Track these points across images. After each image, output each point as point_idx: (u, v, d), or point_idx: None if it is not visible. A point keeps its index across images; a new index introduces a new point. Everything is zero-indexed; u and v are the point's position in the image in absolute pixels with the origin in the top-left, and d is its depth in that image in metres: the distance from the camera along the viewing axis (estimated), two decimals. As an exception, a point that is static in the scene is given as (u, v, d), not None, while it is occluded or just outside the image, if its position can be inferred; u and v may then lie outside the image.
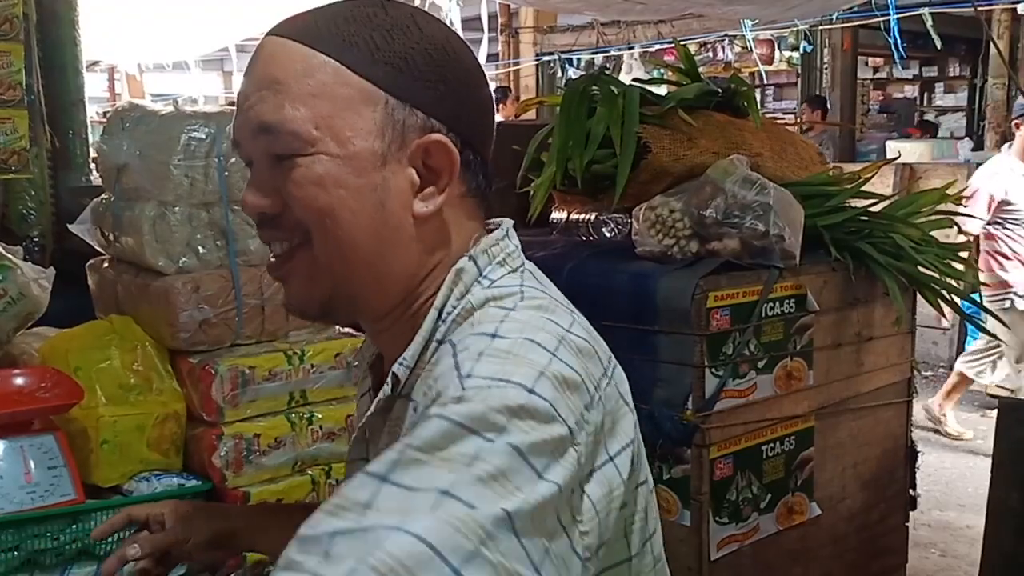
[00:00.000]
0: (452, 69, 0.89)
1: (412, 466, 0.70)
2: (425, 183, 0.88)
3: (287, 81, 0.85)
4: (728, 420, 1.99)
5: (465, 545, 0.66)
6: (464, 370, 0.77)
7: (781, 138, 2.41)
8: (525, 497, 0.70)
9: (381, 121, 0.86)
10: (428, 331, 0.89)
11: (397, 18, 0.88)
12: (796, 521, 2.17)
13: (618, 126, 2.09)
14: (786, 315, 2.08)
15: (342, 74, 0.85)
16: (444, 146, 0.87)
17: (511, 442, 0.71)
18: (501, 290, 0.89)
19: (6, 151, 2.18)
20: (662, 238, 2.03)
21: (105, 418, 1.64)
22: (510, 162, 2.53)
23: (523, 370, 0.76)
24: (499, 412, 0.72)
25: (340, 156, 0.85)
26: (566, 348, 0.81)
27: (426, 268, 0.91)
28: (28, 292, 1.91)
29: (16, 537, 1.51)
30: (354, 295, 0.91)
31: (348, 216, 0.86)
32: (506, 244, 0.94)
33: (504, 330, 0.81)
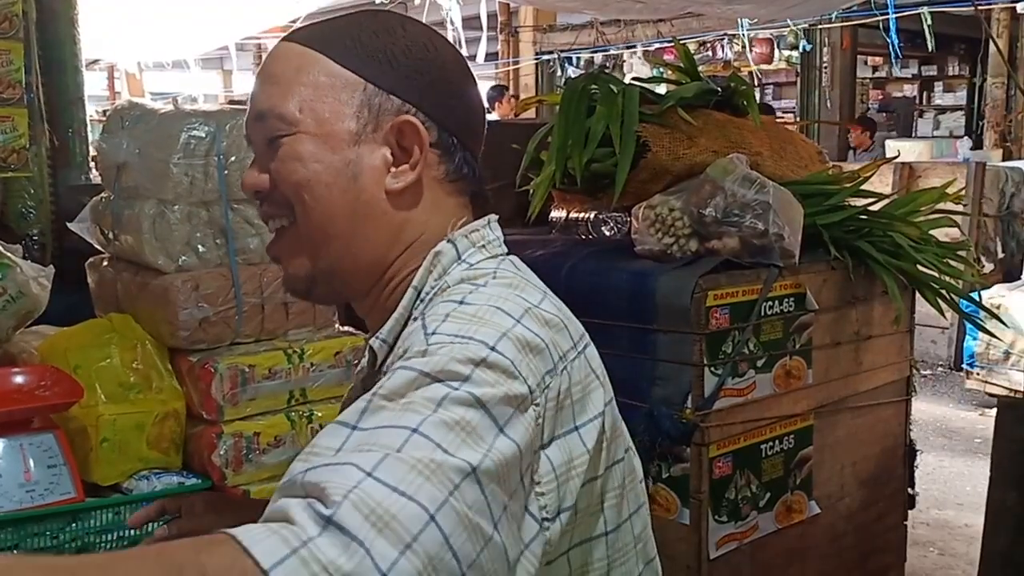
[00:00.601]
0: (431, 63, 0.98)
1: (380, 411, 0.76)
2: (398, 162, 0.96)
3: (281, 74, 0.97)
4: (727, 419, 2.00)
5: (436, 494, 0.71)
6: (429, 329, 0.83)
7: (780, 137, 2.41)
8: (487, 451, 0.75)
9: (358, 105, 0.95)
10: (406, 308, 0.95)
11: (385, 22, 0.99)
12: (795, 520, 2.17)
13: (617, 125, 2.10)
14: (785, 314, 2.08)
15: (327, 65, 0.96)
16: (413, 125, 0.95)
17: (473, 392, 0.77)
18: (476, 271, 0.95)
19: (6, 149, 2.18)
20: (661, 237, 2.03)
21: (105, 416, 1.64)
22: (509, 161, 2.53)
23: (486, 330, 0.83)
24: (461, 363, 0.79)
25: (318, 134, 0.95)
26: (531, 318, 0.87)
27: (401, 245, 0.98)
28: (27, 290, 1.91)
29: (15, 536, 1.50)
30: (333, 270, 0.98)
31: (323, 189, 0.95)
32: (486, 233, 1.00)
33: (471, 298, 0.88)
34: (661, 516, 2.01)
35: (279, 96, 0.95)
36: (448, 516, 0.70)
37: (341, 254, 0.97)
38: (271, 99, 0.96)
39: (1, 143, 2.17)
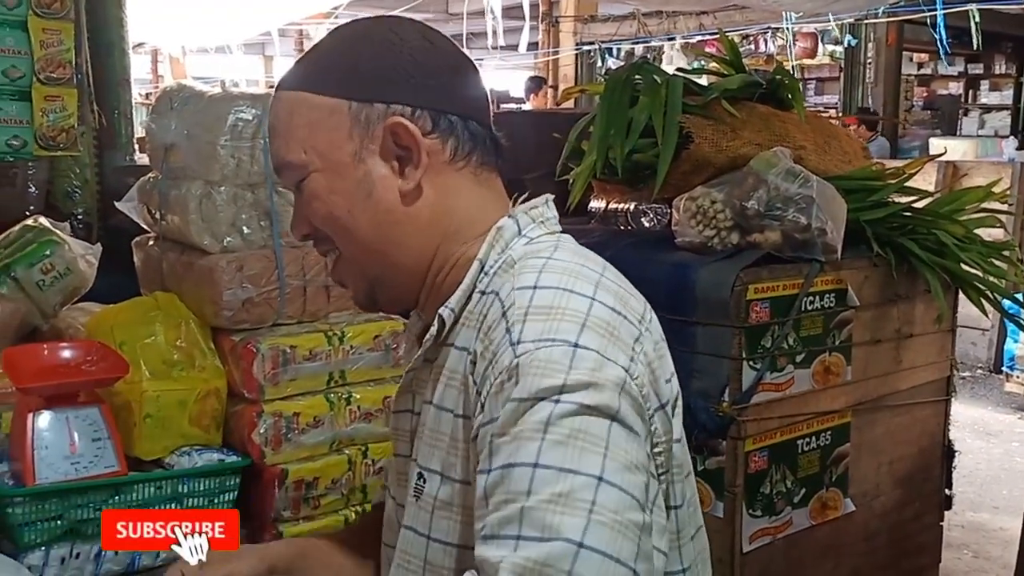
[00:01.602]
0: (401, 56, 0.98)
1: (500, 451, 0.82)
2: (404, 162, 0.98)
3: (279, 125, 1.01)
4: (764, 413, 1.99)
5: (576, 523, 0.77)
6: (514, 335, 0.86)
7: (825, 131, 2.39)
8: (606, 452, 0.80)
9: (349, 125, 0.97)
10: (472, 281, 0.98)
11: (346, 36, 1.01)
12: (829, 516, 2.16)
13: (660, 115, 2.09)
14: (826, 309, 2.06)
15: (309, 100, 0.99)
16: (402, 125, 0.97)
17: (574, 400, 0.81)
18: (538, 245, 0.98)
19: (55, 128, 2.21)
20: (702, 229, 2.02)
21: (148, 392, 1.67)
22: (549, 150, 2.53)
23: (566, 324, 0.86)
24: (552, 372, 0.82)
25: (326, 168, 0.98)
26: (603, 289, 0.90)
27: (436, 237, 1.00)
28: (75, 267, 1.94)
29: (60, 506, 1.54)
30: (383, 280, 1.02)
31: (346, 216, 0.98)
32: (545, 210, 1.04)
33: (544, 280, 0.90)
34: (695, 509, 2.00)
35: (284, 146, 1.00)
36: (598, 534, 0.76)
37: (385, 264, 1.00)
38: (279, 151, 1.01)
39: (51, 122, 2.19)
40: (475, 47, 11.33)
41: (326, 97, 0.98)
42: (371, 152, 0.98)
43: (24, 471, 1.53)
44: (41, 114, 2.16)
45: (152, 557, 1.62)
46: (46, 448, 1.54)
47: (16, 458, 1.57)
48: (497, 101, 12.78)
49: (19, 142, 2.16)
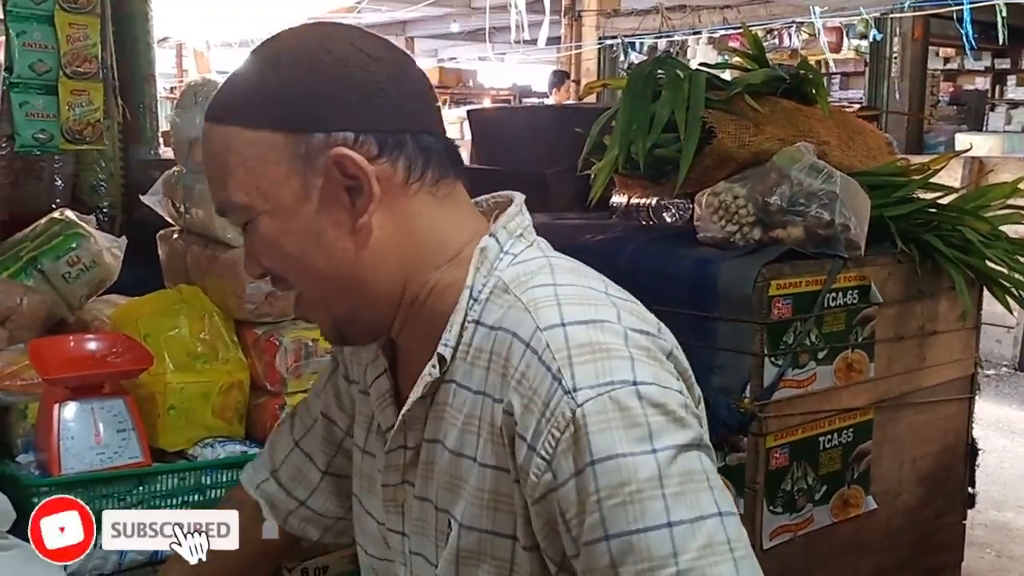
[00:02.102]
0: (332, 74, 0.88)
1: (617, 515, 0.80)
2: (355, 194, 0.90)
3: (215, 165, 0.92)
4: (786, 410, 1.98)
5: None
6: (566, 382, 0.82)
7: (849, 127, 2.38)
8: (710, 490, 0.81)
9: (289, 160, 0.89)
10: (464, 311, 0.92)
11: (275, 59, 0.90)
12: (851, 514, 2.15)
13: (683, 110, 2.08)
14: (849, 306, 2.06)
15: (242, 135, 0.89)
16: (345, 156, 0.88)
17: (657, 448, 0.80)
18: (530, 264, 0.93)
19: (81, 122, 2.23)
20: (725, 224, 2.01)
21: (172, 384, 1.68)
22: (571, 145, 2.53)
23: (617, 363, 0.83)
24: (632, 425, 0.80)
25: (271, 210, 0.90)
26: (622, 310, 0.88)
27: (404, 266, 0.93)
28: (100, 260, 1.96)
29: (85, 496, 1.54)
30: (351, 317, 0.95)
31: (301, 257, 0.91)
32: (522, 219, 0.98)
33: (568, 315, 0.86)
34: (715, 504, 2.00)
35: (223, 188, 0.92)
36: (746, 569, 0.80)
37: (350, 302, 0.94)
38: (218, 192, 0.93)
39: (77, 116, 2.22)
40: (498, 41, 11.34)
41: (260, 131, 0.89)
42: (318, 187, 0.89)
43: (50, 461, 1.55)
44: (67, 108, 2.19)
45: (175, 547, 1.64)
46: (72, 439, 1.56)
47: (42, 448, 1.59)
48: (519, 95, 12.80)
49: (46, 135, 2.18)
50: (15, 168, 2.52)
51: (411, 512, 0.99)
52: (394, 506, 1.03)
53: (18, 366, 1.69)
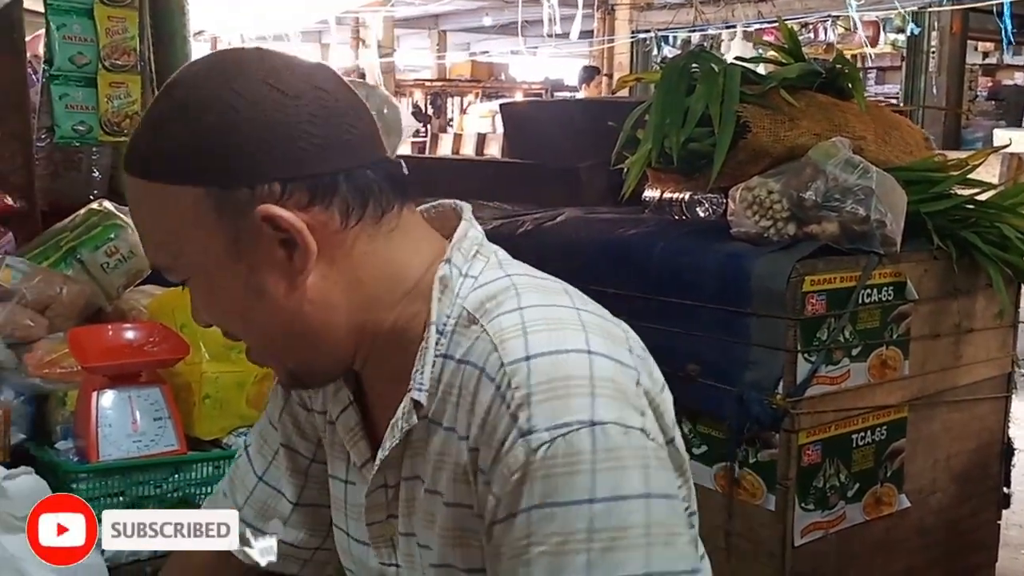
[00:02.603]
0: (267, 120, 0.81)
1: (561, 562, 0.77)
2: (290, 248, 0.83)
3: (138, 224, 0.87)
4: (818, 406, 1.97)
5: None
6: (521, 422, 0.79)
7: (886, 122, 2.35)
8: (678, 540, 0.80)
9: (214, 218, 0.82)
10: (432, 350, 0.87)
11: (186, 107, 0.82)
12: (884, 512, 2.14)
13: (717, 104, 2.08)
14: (884, 303, 2.04)
15: (161, 193, 0.82)
16: (274, 214, 0.81)
17: (606, 496, 0.77)
18: (490, 287, 0.87)
19: (119, 115, 2.26)
20: (759, 219, 2.00)
21: (208, 374, 1.70)
22: (604, 139, 2.53)
23: (575, 401, 0.78)
24: (582, 472, 0.77)
25: (202, 271, 0.85)
26: (591, 331, 0.83)
27: (358, 310, 0.88)
28: (138, 251, 1.98)
29: (122, 483, 1.57)
30: (307, 368, 0.91)
31: (244, 314, 0.86)
32: (474, 235, 0.91)
33: (533, 345, 0.81)
34: (746, 501, 2.00)
35: (149, 248, 0.88)
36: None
37: (304, 354, 0.89)
38: (148, 253, 0.89)
39: (116, 108, 2.25)
40: (530, 35, 11.33)
41: (180, 187, 0.81)
42: (249, 245, 0.82)
43: (88, 448, 1.57)
44: (106, 100, 2.22)
45: (210, 535, 1.66)
46: (109, 426, 1.58)
47: (80, 435, 1.61)
48: (551, 89, 12.78)
49: (85, 127, 2.21)
50: (54, 159, 2.55)
51: (399, 546, 0.97)
52: (383, 541, 1.00)
53: (58, 354, 1.72)
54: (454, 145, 10.42)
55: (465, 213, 0.93)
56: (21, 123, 2.13)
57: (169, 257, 0.85)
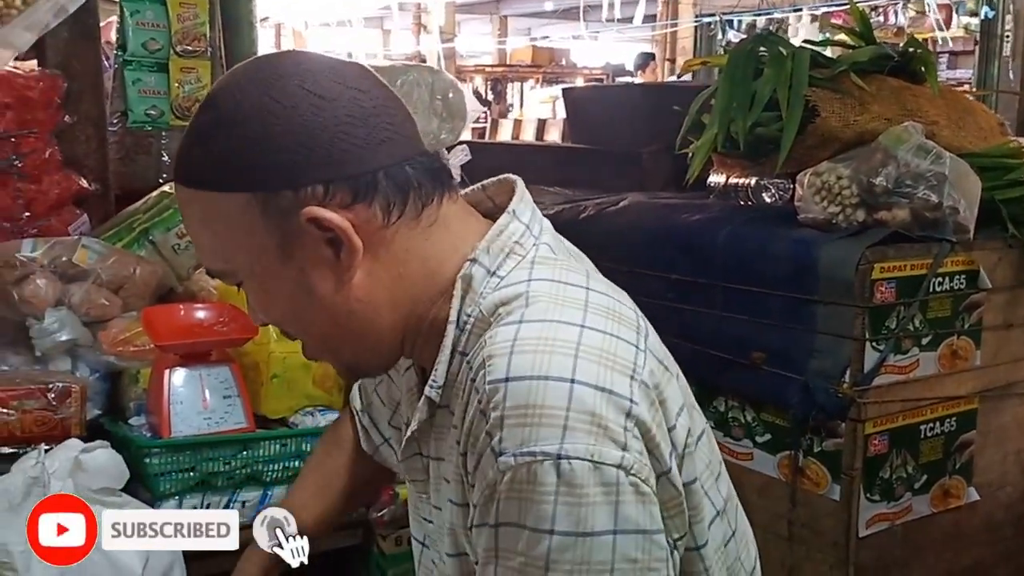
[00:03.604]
0: (307, 125, 0.83)
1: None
2: (337, 247, 0.86)
3: (192, 232, 0.91)
4: (886, 396, 1.94)
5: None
6: (495, 442, 0.80)
7: (960, 106, 2.29)
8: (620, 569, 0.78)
9: (262, 222, 0.84)
10: (451, 347, 0.89)
11: (228, 115, 0.84)
12: (951, 505, 2.10)
13: (785, 88, 2.04)
14: (955, 291, 1.99)
15: (212, 200, 0.85)
16: (319, 216, 0.84)
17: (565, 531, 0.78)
18: (506, 292, 0.87)
19: (190, 99, 2.30)
20: (827, 205, 1.97)
21: (276, 354, 1.73)
22: (667, 124, 2.50)
23: (545, 431, 0.78)
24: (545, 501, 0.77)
25: (254, 274, 0.88)
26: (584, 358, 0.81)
27: (403, 307, 0.90)
28: (208, 232, 2.03)
29: (193, 459, 1.62)
30: (357, 361, 0.95)
31: (295, 317, 0.90)
32: (515, 228, 0.91)
33: (516, 367, 0.80)
34: (810, 490, 1.97)
35: (204, 255, 0.91)
36: None
37: (355, 349, 0.92)
38: (202, 259, 0.94)
39: (186, 93, 2.29)
40: (592, 20, 11.26)
41: (228, 194, 0.84)
42: (297, 246, 0.85)
43: (160, 424, 1.61)
44: (177, 85, 2.27)
45: (276, 511, 1.69)
46: (181, 403, 1.62)
47: (153, 412, 1.66)
48: (612, 74, 12.69)
49: (157, 112, 2.26)
50: (126, 144, 2.61)
51: (430, 519, 1.02)
52: (424, 498, 1.03)
53: (131, 333, 1.76)
54: (514, 131, 10.40)
55: (517, 190, 0.95)
56: (96, 108, 2.18)
57: (222, 262, 0.89)
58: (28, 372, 1.70)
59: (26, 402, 1.59)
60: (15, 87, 1.93)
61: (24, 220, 1.96)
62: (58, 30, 2.05)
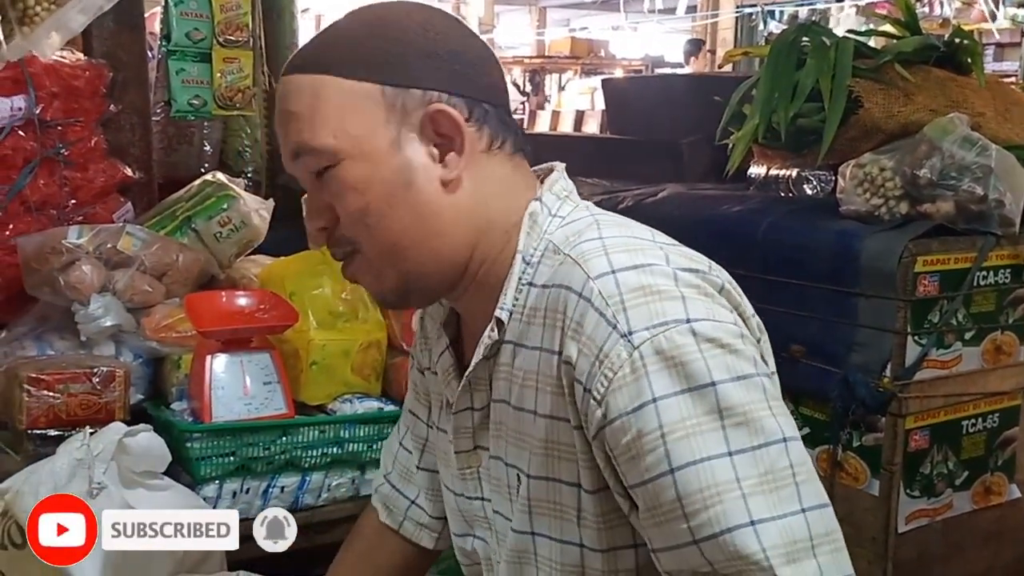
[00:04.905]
0: (433, 39, 0.94)
1: (684, 441, 0.82)
2: (443, 150, 0.94)
3: (299, 110, 0.94)
4: (928, 391, 1.91)
5: (791, 494, 0.82)
6: (620, 325, 0.84)
7: (1006, 98, 2.25)
8: (769, 416, 0.83)
9: (384, 111, 0.92)
10: (518, 275, 0.95)
11: (373, 21, 0.95)
12: (993, 502, 2.07)
13: (828, 79, 2.02)
14: (1000, 286, 1.96)
15: (339, 84, 0.92)
16: (444, 112, 0.93)
17: (716, 382, 0.83)
18: (577, 224, 0.96)
19: (232, 89, 2.32)
20: (869, 197, 1.95)
21: (315, 341, 1.75)
22: (708, 114, 2.49)
23: (669, 304, 0.85)
24: (687, 361, 0.82)
25: (360, 156, 0.93)
26: (671, 252, 0.91)
27: (474, 229, 0.97)
28: (249, 221, 2.05)
29: (233, 444, 1.64)
30: (420, 274, 0.97)
31: (385, 208, 0.93)
32: (565, 183, 1.02)
33: (616, 261, 0.88)
34: (848, 485, 1.96)
35: (307, 130, 0.93)
36: (809, 492, 0.82)
37: (423, 256, 0.96)
38: (300, 134, 0.94)
39: (229, 83, 2.31)
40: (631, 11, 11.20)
41: (359, 82, 0.92)
42: (410, 140, 0.93)
43: (202, 409, 1.63)
44: (220, 75, 2.28)
45: (314, 496, 1.71)
46: (222, 389, 1.64)
47: (195, 397, 1.68)
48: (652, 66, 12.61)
49: (200, 101, 2.28)
50: (168, 133, 2.64)
51: (488, 473, 1.03)
52: (470, 473, 1.06)
53: (173, 319, 1.79)
54: (552, 122, 10.38)
55: (559, 167, 1.04)
56: (140, 97, 2.20)
57: (331, 138, 0.92)
58: (74, 356, 1.73)
59: (71, 386, 1.61)
60: (62, 76, 1.96)
61: (70, 207, 1.99)
62: (104, 21, 2.08)
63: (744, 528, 0.79)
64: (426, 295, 1.02)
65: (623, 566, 0.94)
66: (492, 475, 1.02)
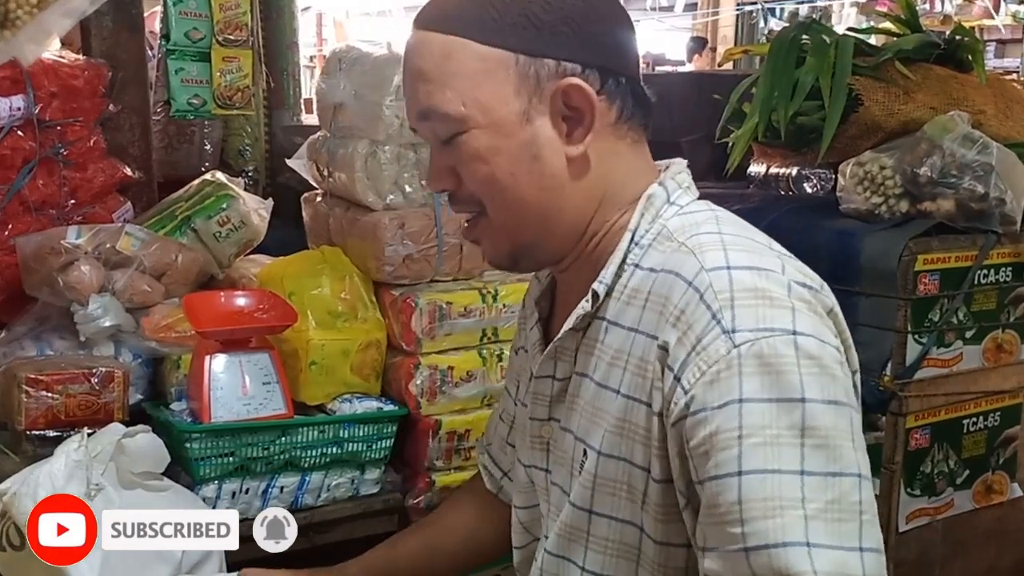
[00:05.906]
0: (573, 9, 0.91)
1: (756, 451, 0.81)
2: (572, 125, 0.93)
3: (430, 70, 0.93)
4: (928, 390, 1.91)
5: (853, 529, 0.79)
6: (725, 322, 0.83)
7: (1007, 95, 2.24)
8: (851, 448, 0.82)
9: (516, 81, 0.91)
10: (623, 253, 0.95)
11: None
12: (994, 501, 2.06)
13: (828, 77, 2.01)
14: (1001, 284, 1.96)
15: (472, 49, 0.91)
16: (578, 87, 0.91)
17: (813, 404, 0.82)
18: (695, 215, 0.95)
19: (231, 88, 2.32)
20: (869, 196, 1.94)
21: (314, 341, 1.74)
22: (707, 113, 2.48)
23: (779, 312, 0.83)
24: (785, 373, 0.81)
25: (489, 125, 0.92)
26: (787, 264, 0.89)
27: (594, 202, 0.97)
28: (249, 221, 2.04)
29: (232, 444, 1.64)
30: (534, 244, 0.98)
31: (509, 179, 0.93)
32: (687, 176, 1.01)
33: (734, 259, 0.87)
34: (849, 484, 1.95)
35: (438, 93, 0.92)
36: (870, 535, 0.81)
37: (539, 229, 0.96)
38: (431, 97, 0.93)
39: (228, 82, 2.31)
40: (632, 8, 11.18)
41: (490, 48, 0.91)
42: (540, 112, 0.92)
43: (200, 410, 1.63)
44: (219, 74, 2.28)
45: (314, 496, 1.71)
46: (221, 389, 1.64)
47: (193, 397, 1.68)
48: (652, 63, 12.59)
49: (199, 101, 2.28)
50: (168, 132, 2.64)
51: (555, 445, 1.04)
52: (540, 442, 1.07)
53: (173, 319, 1.79)
54: (553, 119, 10.37)
55: (681, 161, 1.04)
56: (140, 97, 2.20)
57: (460, 106, 0.92)
58: (73, 357, 1.73)
59: (70, 386, 1.61)
60: (61, 76, 1.95)
61: (69, 207, 1.99)
62: (103, 20, 2.08)
63: (798, 547, 0.78)
64: (536, 262, 1.04)
65: (673, 563, 0.93)
66: (559, 447, 1.03)
